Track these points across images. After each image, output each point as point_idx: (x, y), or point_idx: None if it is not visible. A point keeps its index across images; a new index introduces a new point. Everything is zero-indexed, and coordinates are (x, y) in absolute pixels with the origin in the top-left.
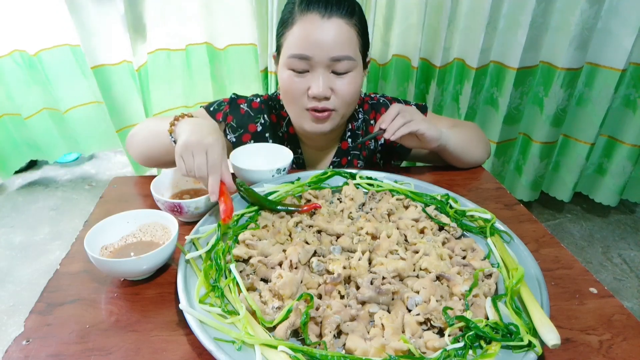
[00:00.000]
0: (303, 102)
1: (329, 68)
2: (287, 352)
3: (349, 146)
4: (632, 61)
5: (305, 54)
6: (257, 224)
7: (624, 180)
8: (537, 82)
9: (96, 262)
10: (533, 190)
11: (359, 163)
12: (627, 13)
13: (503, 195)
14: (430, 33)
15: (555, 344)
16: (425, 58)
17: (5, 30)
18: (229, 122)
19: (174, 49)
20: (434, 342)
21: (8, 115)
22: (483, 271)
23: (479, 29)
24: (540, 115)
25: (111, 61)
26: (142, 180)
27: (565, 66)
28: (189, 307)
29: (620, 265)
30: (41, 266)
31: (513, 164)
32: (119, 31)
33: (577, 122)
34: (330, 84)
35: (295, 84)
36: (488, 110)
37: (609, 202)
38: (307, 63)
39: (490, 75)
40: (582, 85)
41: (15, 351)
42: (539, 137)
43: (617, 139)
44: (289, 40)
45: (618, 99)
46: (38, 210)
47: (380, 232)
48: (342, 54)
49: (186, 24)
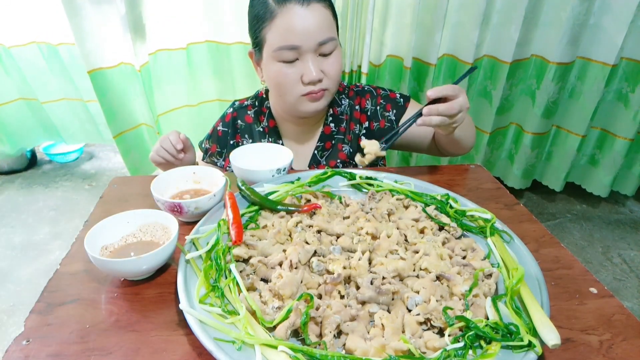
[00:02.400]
0: (298, 90)
1: (316, 52)
2: (287, 352)
3: (332, 130)
4: (624, 56)
5: (294, 44)
6: (257, 224)
7: (614, 172)
8: (529, 75)
9: (96, 262)
10: (524, 179)
11: (343, 147)
12: (618, 10)
13: (503, 195)
14: (423, 32)
15: (555, 344)
16: (418, 57)
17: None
18: (214, 152)
19: (176, 48)
20: (434, 342)
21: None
22: (483, 271)
23: (473, 25)
24: (532, 108)
25: (108, 64)
26: (142, 180)
27: (557, 60)
28: (189, 307)
29: (620, 265)
30: (41, 266)
31: (505, 153)
32: (118, 33)
33: (569, 115)
34: (320, 67)
35: (287, 75)
36: (481, 102)
37: (600, 193)
38: (296, 52)
39: (484, 69)
40: (574, 79)
41: (15, 351)
42: (531, 128)
43: (609, 132)
44: (273, 34)
45: (610, 92)
46: (38, 210)
47: (380, 232)
48: (327, 37)
49: (188, 23)
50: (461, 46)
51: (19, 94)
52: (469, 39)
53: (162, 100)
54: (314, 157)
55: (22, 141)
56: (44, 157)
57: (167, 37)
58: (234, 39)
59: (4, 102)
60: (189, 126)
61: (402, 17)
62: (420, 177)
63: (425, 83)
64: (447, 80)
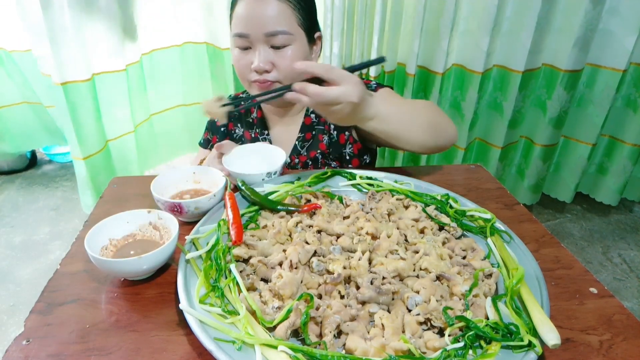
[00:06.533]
0: (249, 76)
1: (267, 43)
2: (287, 352)
3: (313, 121)
4: (633, 61)
5: (243, 32)
6: (257, 224)
7: (624, 180)
8: (539, 85)
9: (96, 262)
10: (534, 193)
11: (323, 138)
12: (627, 13)
13: (503, 195)
14: (429, 38)
15: (555, 344)
16: (424, 65)
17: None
18: (214, 143)
19: (169, 46)
20: (434, 342)
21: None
22: (483, 271)
23: (483, 33)
24: (543, 118)
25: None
26: (142, 180)
27: (567, 68)
28: (189, 307)
29: (620, 265)
30: (41, 266)
31: (515, 168)
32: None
33: (577, 123)
34: (269, 58)
35: (241, 60)
36: (492, 114)
37: (610, 202)
38: (248, 40)
39: (493, 80)
40: (582, 87)
41: (15, 351)
42: (541, 140)
43: (617, 139)
44: (233, 21)
45: (619, 99)
46: (38, 210)
47: (380, 232)
48: (276, 29)
49: (183, 24)
50: (470, 55)
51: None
52: (478, 48)
53: (157, 99)
54: (294, 148)
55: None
56: (44, 157)
57: (163, 37)
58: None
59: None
60: (182, 126)
61: (406, 23)
62: (420, 177)
63: (432, 93)
64: (456, 92)
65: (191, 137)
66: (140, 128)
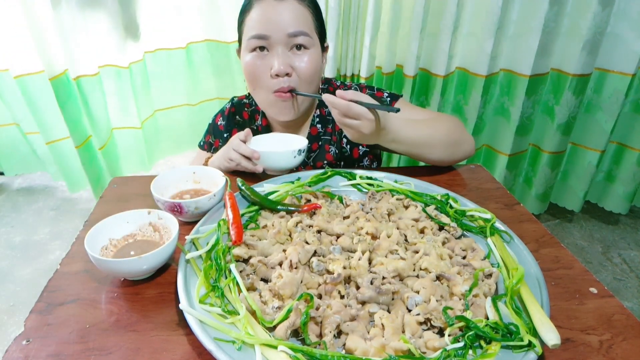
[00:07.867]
0: (268, 84)
1: (287, 46)
2: (287, 352)
3: (319, 131)
4: None
5: (263, 33)
6: (257, 224)
7: (634, 187)
8: (546, 90)
9: (96, 262)
10: (542, 202)
11: (330, 148)
12: (636, 16)
13: (503, 195)
14: (429, 40)
15: (555, 344)
16: (425, 68)
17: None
18: (216, 147)
19: (174, 47)
20: (434, 342)
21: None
22: (483, 271)
23: (487, 36)
24: (551, 124)
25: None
26: (142, 180)
27: (576, 72)
28: (189, 307)
29: (620, 265)
30: (41, 266)
31: (522, 177)
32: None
33: (586, 130)
34: (289, 61)
35: (258, 65)
36: (498, 120)
37: (620, 210)
38: (267, 42)
39: (500, 84)
40: (590, 92)
41: (15, 351)
42: (549, 147)
43: (626, 145)
44: (248, 25)
45: (627, 104)
46: (38, 210)
47: (380, 232)
48: (298, 29)
49: (186, 21)
50: (474, 58)
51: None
52: (482, 51)
53: (160, 97)
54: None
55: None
56: None
57: (165, 36)
58: (234, 37)
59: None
60: (187, 124)
61: (404, 25)
62: (420, 177)
63: (433, 96)
64: (459, 95)
65: (194, 135)
66: (142, 125)
